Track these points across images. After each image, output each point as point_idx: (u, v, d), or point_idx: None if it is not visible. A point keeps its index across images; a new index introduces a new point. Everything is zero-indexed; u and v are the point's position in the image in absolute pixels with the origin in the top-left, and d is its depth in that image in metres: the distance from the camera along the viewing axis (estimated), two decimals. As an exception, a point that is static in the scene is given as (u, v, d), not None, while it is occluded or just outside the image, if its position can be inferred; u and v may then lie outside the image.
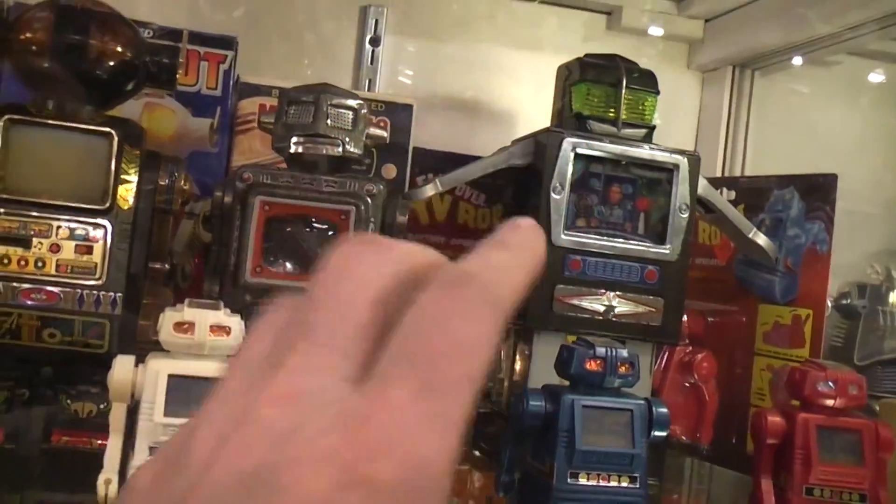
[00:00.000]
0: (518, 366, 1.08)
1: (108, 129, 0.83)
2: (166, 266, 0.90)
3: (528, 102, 1.34)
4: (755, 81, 1.33)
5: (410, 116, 1.14)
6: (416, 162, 1.16)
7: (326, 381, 0.26)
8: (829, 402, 0.86)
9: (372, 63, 1.27)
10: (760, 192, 1.16)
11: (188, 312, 0.72)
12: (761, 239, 1.09)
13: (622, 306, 1.01)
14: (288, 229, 0.89)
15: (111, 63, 0.84)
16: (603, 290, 1.01)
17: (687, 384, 1.15)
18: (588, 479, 0.78)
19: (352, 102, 0.91)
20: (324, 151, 0.89)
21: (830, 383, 0.86)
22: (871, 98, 1.46)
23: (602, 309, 1.01)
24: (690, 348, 1.16)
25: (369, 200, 0.89)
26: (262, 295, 0.87)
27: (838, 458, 0.85)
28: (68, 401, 0.84)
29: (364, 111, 0.91)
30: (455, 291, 0.27)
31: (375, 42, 1.28)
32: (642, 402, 0.82)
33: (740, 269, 1.18)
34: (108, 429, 0.81)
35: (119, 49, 0.84)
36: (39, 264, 0.80)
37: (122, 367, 0.72)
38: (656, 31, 1.35)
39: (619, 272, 1.01)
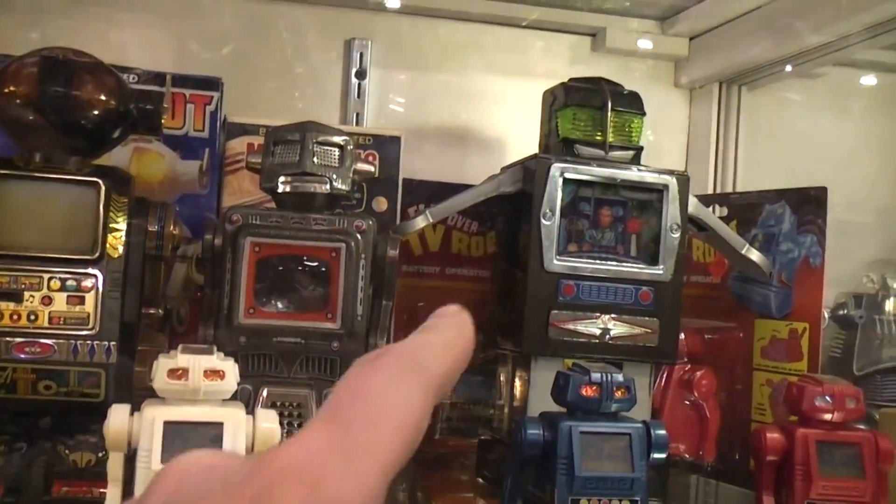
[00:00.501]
0: (518, 392, 1.09)
1: (94, 179, 0.84)
2: (160, 311, 0.91)
3: (518, 128, 1.34)
4: (742, 96, 1.34)
5: (399, 148, 1.14)
6: (406, 193, 1.16)
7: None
8: (828, 417, 0.86)
9: (359, 96, 1.28)
10: (752, 207, 1.16)
11: (181, 358, 0.72)
12: (754, 255, 1.09)
13: (618, 329, 1.01)
14: (279, 269, 0.89)
15: (96, 112, 0.85)
16: (598, 314, 1.01)
17: (687, 402, 1.15)
18: (589, 505, 0.79)
19: (337, 139, 0.91)
20: (311, 189, 0.89)
21: (828, 398, 0.86)
22: (860, 107, 1.46)
23: (598, 332, 1.01)
24: (689, 366, 1.15)
25: (359, 237, 0.89)
26: (256, 336, 0.87)
27: (839, 472, 0.85)
28: (66, 451, 0.84)
29: (350, 147, 0.92)
30: (374, 360, 0.30)
31: (361, 75, 1.28)
32: (640, 425, 0.82)
33: (736, 286, 1.18)
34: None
35: (103, 98, 0.85)
36: (32, 317, 0.81)
37: (118, 417, 0.72)
38: (642, 49, 1.36)
39: (613, 295, 1.01)
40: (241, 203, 1.10)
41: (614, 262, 1.02)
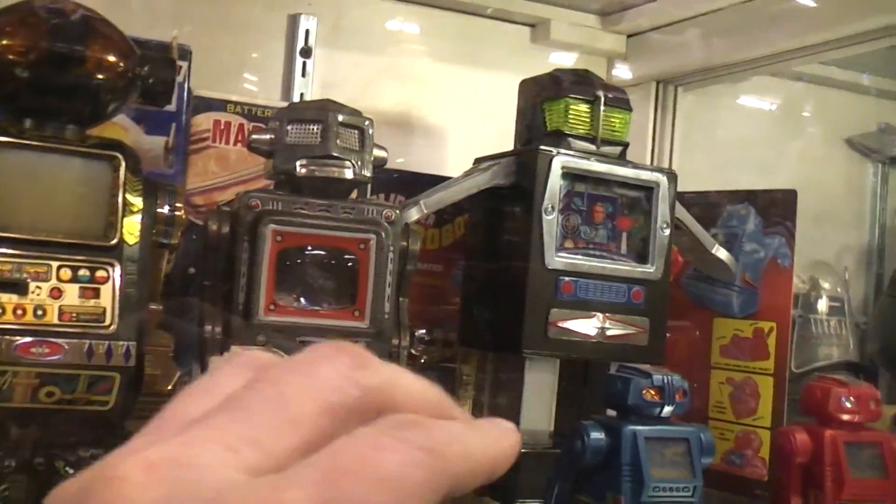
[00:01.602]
0: (488, 392, 1.04)
1: (112, 153, 0.73)
2: (161, 308, 0.80)
3: (460, 115, 1.30)
4: (678, 97, 1.35)
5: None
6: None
7: (220, 462, 0.24)
8: (850, 418, 0.87)
9: (304, 76, 1.19)
10: (710, 207, 1.17)
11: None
12: (723, 254, 1.10)
13: (614, 328, 0.99)
14: (302, 260, 0.81)
15: (103, 76, 0.73)
16: (594, 313, 0.98)
17: (646, 401, 1.14)
18: (654, 514, 0.76)
19: (358, 121, 0.84)
20: (335, 174, 0.82)
21: (852, 399, 0.87)
22: (791, 115, 1.52)
23: (594, 332, 0.98)
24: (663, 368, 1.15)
25: (389, 227, 0.82)
26: (276, 334, 0.79)
27: (865, 473, 0.86)
28: (68, 468, 0.72)
29: (371, 130, 0.84)
30: (397, 430, 0.26)
31: (306, 53, 1.20)
32: (694, 429, 0.80)
33: (691, 285, 1.18)
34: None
35: (113, 60, 0.74)
36: (39, 313, 0.69)
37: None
38: (580, 44, 1.34)
39: (608, 293, 0.99)
40: (205, 185, 1.00)
41: (609, 260, 1.00)
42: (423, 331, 1.15)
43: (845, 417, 0.87)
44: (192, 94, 0.99)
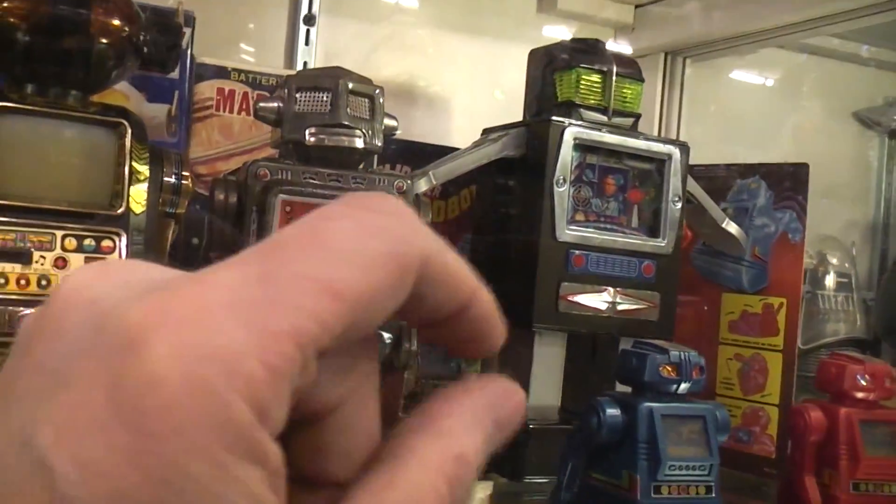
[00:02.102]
0: (493, 366, 1.03)
1: (118, 120, 0.70)
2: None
3: (464, 86, 1.28)
4: (686, 69, 1.33)
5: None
6: (378, 152, 1.07)
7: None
8: (865, 395, 0.86)
9: (307, 44, 1.17)
10: (720, 180, 1.15)
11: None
12: (733, 228, 1.09)
13: (624, 303, 0.97)
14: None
15: (107, 41, 0.71)
16: (605, 287, 0.97)
17: (653, 377, 1.13)
18: (670, 492, 0.74)
19: (369, 89, 0.82)
20: (346, 143, 0.79)
21: (868, 376, 0.86)
22: (800, 88, 1.50)
23: (605, 306, 0.97)
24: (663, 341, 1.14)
25: (401, 199, 0.80)
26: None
27: (880, 451, 0.85)
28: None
29: (381, 99, 0.82)
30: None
31: (310, 21, 1.17)
32: (710, 406, 0.79)
33: (700, 259, 1.17)
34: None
35: (118, 23, 0.71)
36: (43, 283, 0.67)
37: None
38: (587, 14, 1.32)
39: (619, 267, 0.98)
40: (208, 155, 0.98)
41: (620, 234, 0.98)
42: (429, 304, 1.14)
43: (860, 395, 0.86)
44: (196, 62, 0.97)
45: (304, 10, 1.17)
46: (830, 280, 1.27)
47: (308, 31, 1.17)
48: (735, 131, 1.41)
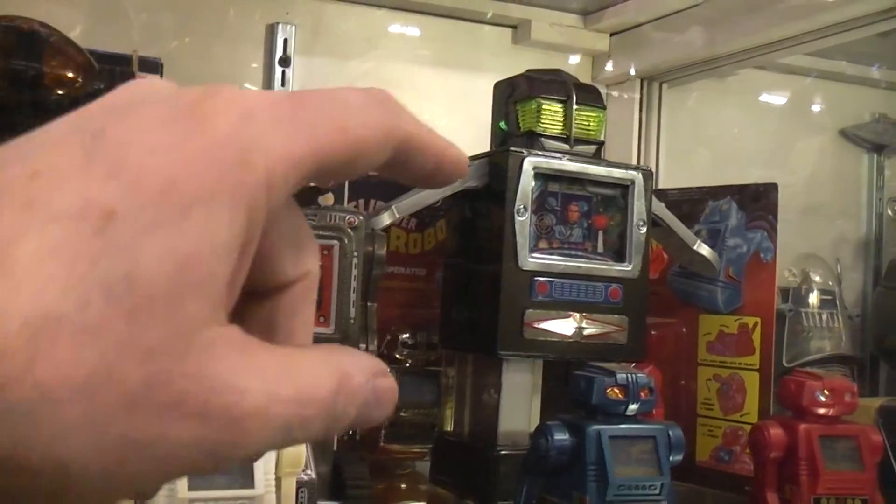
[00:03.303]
0: (469, 393, 1.04)
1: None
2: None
3: (441, 118, 1.30)
4: (664, 94, 1.34)
5: (345, 140, 1.07)
6: (350, 189, 1.10)
7: None
8: (826, 411, 0.87)
9: (283, 84, 1.20)
10: (693, 203, 1.16)
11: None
12: (705, 250, 1.10)
13: (591, 328, 0.99)
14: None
15: (63, 92, 0.74)
16: (570, 312, 0.98)
17: (634, 400, 1.13)
18: (620, 513, 0.75)
19: (320, 128, 0.84)
20: (298, 182, 0.82)
21: (827, 392, 0.86)
22: (777, 109, 1.51)
23: (571, 331, 0.98)
24: (633, 364, 1.14)
25: (352, 233, 0.83)
26: (241, 342, 0.79)
27: (841, 466, 0.85)
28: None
29: (334, 137, 0.84)
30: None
31: (285, 62, 1.20)
32: (662, 426, 0.80)
33: (676, 282, 1.18)
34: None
35: (71, 76, 0.74)
36: None
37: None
38: (562, 44, 1.34)
39: (584, 293, 0.99)
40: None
41: (584, 260, 1.00)
42: (407, 335, 1.16)
43: (820, 411, 0.86)
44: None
45: (279, 52, 1.20)
46: (814, 298, 1.27)
47: (284, 71, 1.20)
48: (718, 154, 1.42)
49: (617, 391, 0.77)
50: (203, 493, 0.63)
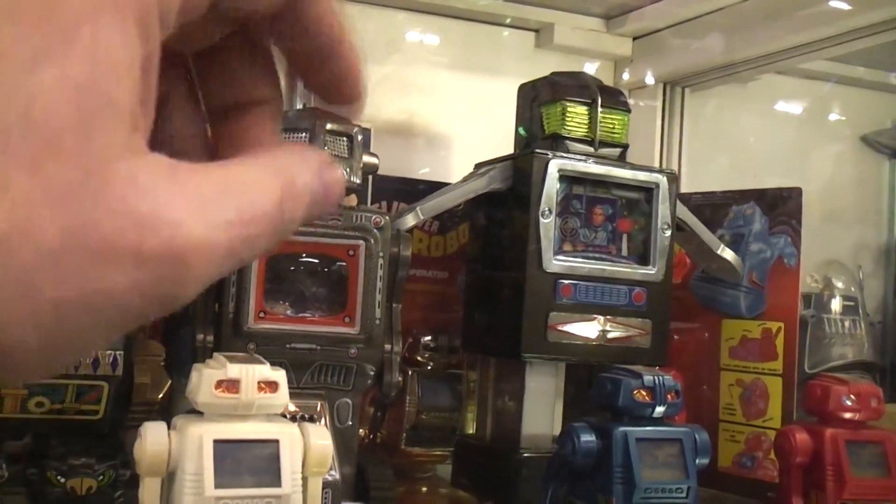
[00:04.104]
0: (491, 396, 1.04)
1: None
2: (151, 317, 0.81)
3: (464, 123, 1.30)
4: (686, 98, 1.34)
5: (369, 140, 1.07)
6: (374, 191, 1.10)
7: None
8: (852, 416, 0.86)
9: (306, 87, 1.20)
10: (716, 208, 1.16)
11: (232, 368, 0.64)
12: (728, 254, 1.09)
13: (615, 331, 0.98)
14: (291, 268, 0.81)
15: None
16: (594, 315, 0.98)
17: (655, 405, 1.13)
18: (647, 516, 0.75)
19: (346, 128, 0.84)
20: (323, 182, 0.82)
21: (853, 397, 0.86)
22: (799, 113, 1.51)
23: (595, 335, 0.97)
24: (656, 369, 1.14)
25: (378, 233, 0.82)
26: (267, 342, 0.79)
27: (867, 472, 0.84)
28: (60, 478, 0.73)
29: (360, 137, 0.85)
30: None
31: (308, 64, 1.20)
32: (688, 429, 0.79)
33: (699, 287, 1.17)
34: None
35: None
36: None
37: (157, 436, 0.63)
38: (585, 48, 1.34)
39: (608, 296, 0.98)
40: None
41: (608, 262, 0.99)
42: (429, 337, 1.16)
43: (846, 416, 0.86)
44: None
45: (302, 55, 1.20)
46: (836, 304, 1.27)
47: (305, 75, 1.20)
48: (741, 159, 1.42)
49: (644, 393, 0.77)
50: (230, 490, 0.63)
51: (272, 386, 0.65)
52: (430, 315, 1.16)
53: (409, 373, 1.12)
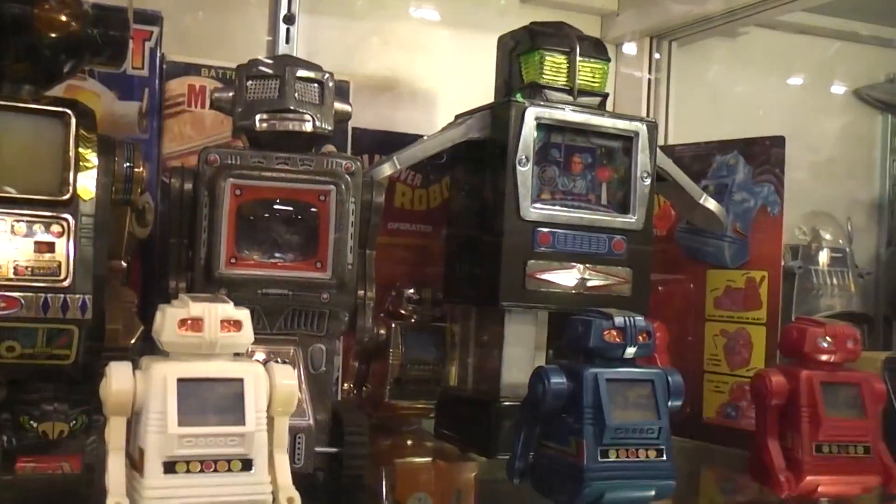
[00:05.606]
0: (473, 346, 1.04)
1: (62, 110, 0.73)
2: (124, 264, 0.81)
3: (447, 78, 1.29)
4: (672, 52, 1.33)
5: (347, 95, 1.07)
6: (353, 142, 1.09)
7: None
8: (828, 358, 0.86)
9: (288, 42, 1.20)
10: (700, 158, 1.16)
11: (195, 307, 0.64)
12: (712, 204, 1.08)
13: (594, 279, 0.98)
14: (262, 214, 0.81)
15: (55, 36, 0.74)
16: (573, 263, 0.97)
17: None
18: (618, 456, 0.75)
19: (318, 75, 0.84)
20: (291, 128, 0.82)
21: (829, 338, 0.86)
22: (782, 66, 1.49)
23: (574, 283, 0.97)
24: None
25: (349, 179, 0.82)
26: (238, 287, 0.79)
27: (842, 413, 0.84)
28: (32, 422, 0.73)
29: (331, 84, 0.84)
30: None
31: (290, 20, 1.20)
32: (660, 370, 0.79)
33: (684, 238, 1.17)
34: (80, 451, 0.73)
35: (64, 20, 0.74)
36: (-6, 267, 0.70)
37: (121, 376, 0.63)
38: (571, 2, 1.33)
39: (587, 244, 0.98)
40: (182, 149, 1.01)
41: (588, 211, 0.99)
42: (412, 290, 1.16)
43: (823, 357, 0.86)
44: (165, 59, 1.00)
45: (283, 10, 1.20)
46: (824, 256, 1.26)
47: (288, 29, 1.20)
48: (728, 114, 1.41)
49: (614, 334, 0.77)
50: (194, 429, 0.63)
51: (236, 325, 0.65)
52: (414, 268, 1.16)
53: (393, 326, 1.12)
